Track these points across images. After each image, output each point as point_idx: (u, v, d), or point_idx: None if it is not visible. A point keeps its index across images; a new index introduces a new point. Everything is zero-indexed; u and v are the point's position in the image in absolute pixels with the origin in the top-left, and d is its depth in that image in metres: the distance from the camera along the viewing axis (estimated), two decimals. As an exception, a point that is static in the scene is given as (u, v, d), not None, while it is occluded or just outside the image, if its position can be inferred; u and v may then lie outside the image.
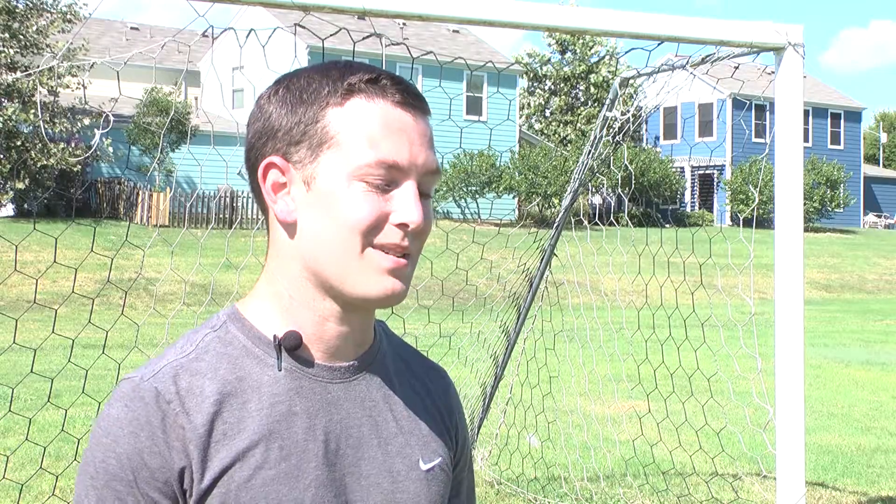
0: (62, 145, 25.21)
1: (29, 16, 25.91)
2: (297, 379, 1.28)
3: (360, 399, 1.33)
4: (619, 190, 5.85)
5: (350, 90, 1.26)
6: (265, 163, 1.28)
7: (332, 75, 1.27)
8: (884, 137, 65.57)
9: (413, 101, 1.27)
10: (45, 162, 24.70)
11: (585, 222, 6.15)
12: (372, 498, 1.30)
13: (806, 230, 33.63)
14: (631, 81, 5.65)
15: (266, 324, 1.30)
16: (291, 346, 1.28)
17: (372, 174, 1.23)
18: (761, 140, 39.94)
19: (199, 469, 1.21)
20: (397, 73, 1.31)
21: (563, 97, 44.92)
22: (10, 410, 5.70)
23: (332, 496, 1.27)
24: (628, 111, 5.49)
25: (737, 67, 4.09)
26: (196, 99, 33.96)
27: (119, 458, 1.21)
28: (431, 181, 1.28)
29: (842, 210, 41.21)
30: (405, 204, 1.24)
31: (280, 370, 1.28)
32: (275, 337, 1.28)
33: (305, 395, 1.28)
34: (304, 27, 3.55)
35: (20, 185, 24.68)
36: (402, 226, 1.24)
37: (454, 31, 38.14)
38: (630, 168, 6.07)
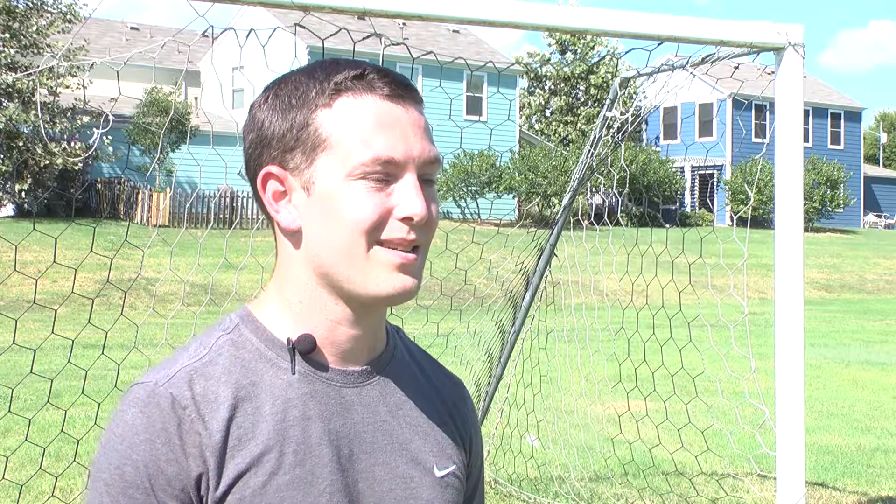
0: (63, 145, 25.21)
1: (29, 16, 25.89)
2: (310, 383, 1.27)
3: (374, 404, 1.31)
4: (615, 189, 5.83)
5: (337, 90, 1.24)
6: (263, 173, 1.27)
7: (318, 76, 1.26)
8: (884, 137, 65.52)
9: (402, 92, 1.25)
10: (47, 161, 24.69)
11: (584, 223, 6.15)
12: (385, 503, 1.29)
13: (806, 230, 33.57)
14: (631, 81, 5.65)
15: (279, 327, 1.29)
16: (305, 350, 1.27)
17: (370, 172, 1.21)
18: (761, 140, 39.93)
19: (215, 476, 1.21)
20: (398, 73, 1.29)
21: (563, 97, 44.91)
22: (9, 411, 5.70)
23: (346, 502, 1.26)
24: (628, 111, 5.49)
25: (737, 67, 4.09)
26: (196, 99, 33.94)
27: (135, 465, 1.20)
28: (431, 169, 1.27)
29: (842, 210, 41.20)
30: (407, 197, 1.22)
31: (294, 374, 1.27)
32: (288, 340, 1.27)
33: (319, 398, 1.27)
34: (304, 27, 3.55)
35: (24, 186, 24.69)
36: (407, 219, 1.22)
37: (454, 31, 38.12)
38: (628, 169, 6.07)
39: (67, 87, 25.14)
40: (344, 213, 1.22)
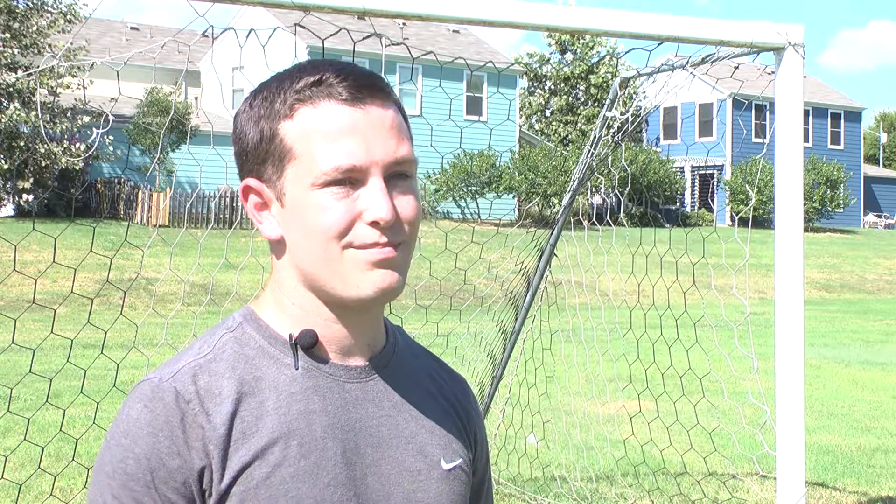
0: (65, 144, 25.20)
1: (29, 16, 25.89)
2: (313, 377, 1.29)
3: (378, 399, 1.32)
4: (617, 190, 5.84)
5: (297, 99, 1.25)
6: (242, 186, 1.30)
7: (284, 85, 1.26)
8: (884, 137, 65.52)
9: (362, 93, 1.24)
10: (47, 162, 24.70)
11: (585, 223, 6.15)
12: (393, 498, 1.30)
13: (806, 230, 33.61)
14: (631, 81, 5.65)
15: (280, 326, 1.31)
16: (308, 345, 1.29)
17: (332, 180, 1.22)
18: (761, 140, 39.93)
19: (218, 469, 1.22)
20: (396, 72, 1.30)
21: (563, 97, 44.91)
22: (9, 411, 5.70)
23: (352, 495, 1.27)
24: (628, 111, 5.49)
25: (737, 67, 4.08)
26: (196, 99, 33.94)
27: (137, 458, 1.21)
28: (402, 167, 1.26)
29: (842, 210, 41.20)
30: (373, 202, 1.22)
31: (297, 369, 1.28)
32: (290, 336, 1.29)
33: (323, 393, 1.28)
34: (304, 27, 3.55)
35: (26, 185, 24.70)
36: (374, 224, 1.23)
37: (454, 31, 38.11)
38: (629, 169, 6.08)
39: (67, 87, 25.13)
40: (313, 222, 1.23)
